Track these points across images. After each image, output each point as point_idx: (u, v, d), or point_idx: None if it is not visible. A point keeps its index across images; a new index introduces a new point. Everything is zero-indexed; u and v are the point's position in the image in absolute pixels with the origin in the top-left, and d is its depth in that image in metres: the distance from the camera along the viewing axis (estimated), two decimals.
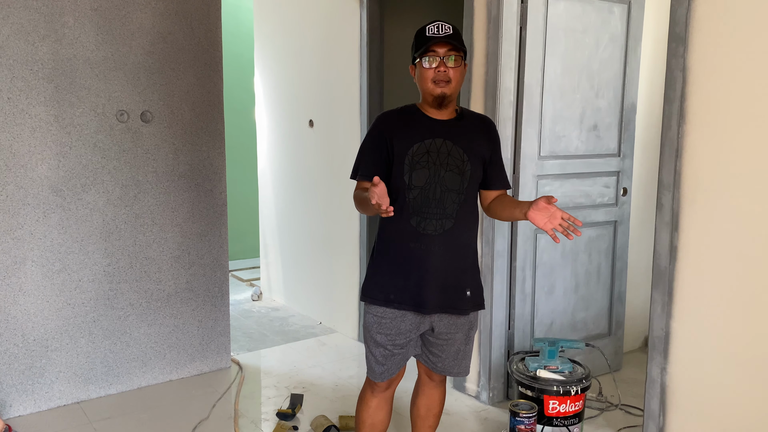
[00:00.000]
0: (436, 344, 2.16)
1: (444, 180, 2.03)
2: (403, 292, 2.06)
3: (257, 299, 5.01)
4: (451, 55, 1.98)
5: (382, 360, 2.13)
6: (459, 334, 2.15)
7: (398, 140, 2.04)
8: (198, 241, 3.39)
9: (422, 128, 2.06)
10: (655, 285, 2.38)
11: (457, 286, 2.09)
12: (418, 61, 2.02)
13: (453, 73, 1.99)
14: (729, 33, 2.12)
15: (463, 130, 2.09)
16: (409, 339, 2.12)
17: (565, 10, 3.03)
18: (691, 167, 2.25)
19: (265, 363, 3.72)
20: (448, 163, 2.04)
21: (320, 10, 4.20)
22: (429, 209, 2.03)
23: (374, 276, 2.14)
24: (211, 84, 3.36)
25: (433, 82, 1.99)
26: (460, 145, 2.06)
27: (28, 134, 2.87)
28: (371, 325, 2.12)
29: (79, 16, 2.94)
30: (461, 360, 2.20)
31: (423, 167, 2.02)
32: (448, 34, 1.98)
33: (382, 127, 2.10)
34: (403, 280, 2.06)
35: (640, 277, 3.73)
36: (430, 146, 2.03)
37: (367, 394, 2.23)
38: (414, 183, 2.03)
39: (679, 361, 2.33)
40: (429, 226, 2.03)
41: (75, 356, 3.08)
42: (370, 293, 2.13)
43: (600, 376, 3.32)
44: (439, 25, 2.01)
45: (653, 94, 3.61)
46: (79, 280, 3.05)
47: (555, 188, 3.14)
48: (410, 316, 2.09)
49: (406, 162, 2.03)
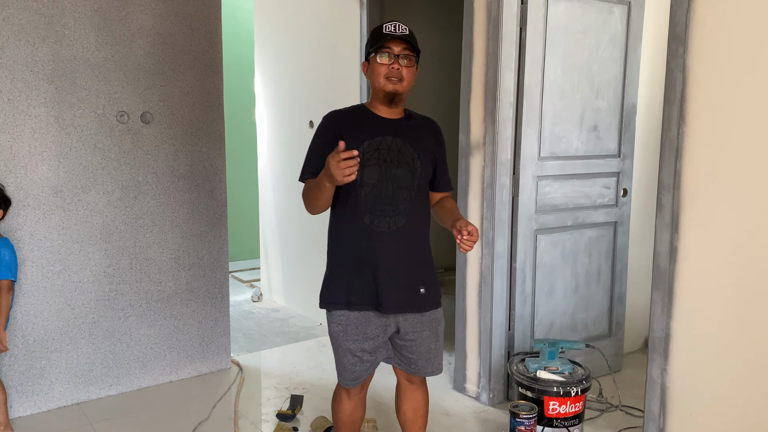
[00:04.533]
0: (405, 346, 2.15)
1: (395, 177, 2.04)
2: (362, 293, 2.06)
3: (257, 300, 5.01)
4: (405, 54, 2.02)
5: (351, 367, 2.13)
6: (425, 332, 2.14)
7: (347, 137, 1.99)
8: (198, 242, 3.39)
9: (372, 126, 2.07)
10: (655, 286, 2.38)
11: (412, 284, 2.09)
12: (372, 57, 2.04)
13: (406, 72, 2.02)
14: (729, 34, 2.12)
15: (411, 130, 2.11)
16: (377, 345, 2.12)
17: (565, 10, 3.03)
18: (691, 168, 2.25)
19: (265, 364, 3.72)
20: (399, 160, 2.05)
21: (320, 12, 4.20)
22: (381, 206, 2.03)
23: (331, 280, 2.13)
24: (211, 85, 3.36)
25: (386, 78, 2.01)
26: (410, 143, 2.08)
27: (28, 135, 2.87)
28: (337, 334, 2.11)
29: (79, 18, 2.94)
30: (434, 358, 2.19)
31: (374, 164, 2.02)
32: (404, 34, 2.02)
33: (331, 125, 2.09)
34: (360, 279, 2.06)
35: (640, 278, 3.73)
36: (380, 143, 2.04)
37: (343, 397, 2.24)
38: (365, 180, 2.02)
39: (680, 363, 2.33)
40: (382, 223, 2.03)
41: (75, 357, 3.08)
42: (330, 299, 2.11)
43: (600, 377, 3.32)
44: (396, 24, 2.04)
45: (653, 94, 3.61)
46: (79, 281, 3.05)
47: (555, 189, 3.14)
48: (374, 318, 2.08)
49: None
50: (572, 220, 3.22)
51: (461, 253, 3.19)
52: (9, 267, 2.64)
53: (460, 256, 3.21)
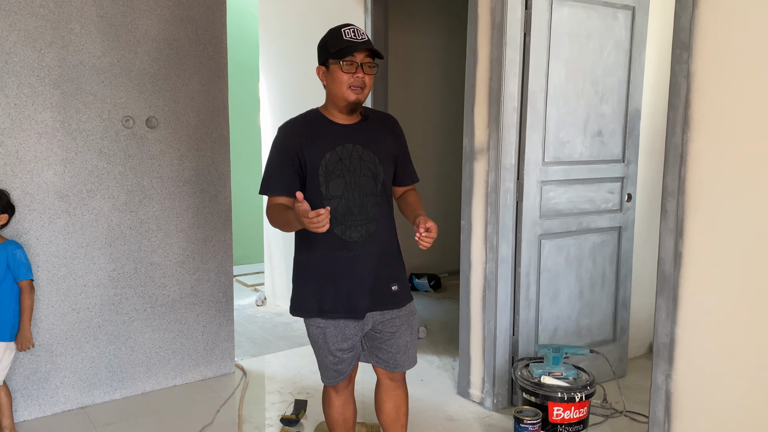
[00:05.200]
0: (382, 339, 2.18)
1: (360, 185, 2.04)
2: (335, 302, 2.08)
3: (261, 304, 5.02)
4: (368, 62, 2.00)
5: (333, 366, 2.18)
6: (403, 325, 2.18)
7: (308, 151, 2.02)
8: (202, 246, 3.40)
9: (331, 135, 2.05)
10: (660, 291, 2.37)
11: (385, 283, 2.13)
12: (333, 65, 2.00)
13: (368, 80, 2.01)
14: (734, 39, 2.12)
15: (370, 133, 2.10)
16: (355, 342, 2.16)
17: (569, 16, 3.03)
18: (695, 174, 2.25)
19: (269, 368, 3.72)
20: (361, 168, 2.04)
21: (325, 16, 4.21)
22: (352, 217, 2.04)
23: (303, 289, 2.14)
24: (216, 90, 3.37)
25: (349, 87, 1.99)
26: (370, 147, 2.07)
27: (34, 140, 2.89)
28: (317, 336, 2.14)
29: (85, 23, 2.96)
30: (409, 350, 2.22)
31: (338, 176, 2.02)
32: (365, 41, 1.99)
33: (289, 139, 2.06)
34: (334, 289, 2.08)
35: (645, 283, 3.72)
36: (341, 153, 2.03)
37: (332, 396, 2.28)
38: (332, 193, 2.03)
39: (685, 368, 2.32)
40: (354, 233, 2.05)
41: (80, 361, 3.09)
42: (303, 307, 2.13)
43: (605, 382, 3.31)
44: (355, 29, 2.01)
45: (658, 99, 3.61)
46: (84, 286, 3.06)
47: (559, 194, 3.14)
48: (351, 322, 2.11)
49: (321, 173, 2.03)
50: (576, 225, 3.21)
51: (466, 258, 3.19)
52: (28, 267, 2.69)
53: (464, 261, 3.21)
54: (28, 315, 2.68)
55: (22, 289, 2.67)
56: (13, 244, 2.68)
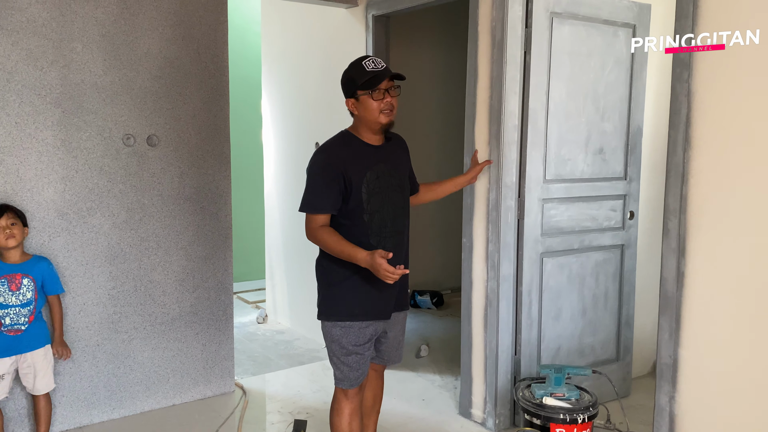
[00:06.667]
0: (384, 342, 2.43)
1: (393, 201, 2.29)
2: (366, 306, 2.27)
3: (262, 322, 4.99)
4: (392, 86, 2.21)
5: (356, 366, 2.30)
6: (398, 326, 2.45)
7: (352, 171, 2.20)
8: (203, 264, 3.39)
9: (368, 155, 2.26)
10: (663, 311, 2.35)
11: (404, 288, 2.40)
12: (363, 96, 2.19)
13: (394, 101, 2.23)
14: (734, 57, 2.11)
15: (394, 152, 2.36)
16: (372, 342, 2.34)
17: (570, 34, 3.03)
18: (697, 192, 2.23)
19: (269, 387, 3.69)
20: (392, 185, 2.29)
21: (327, 34, 4.23)
22: (386, 229, 2.27)
23: (333, 295, 2.31)
24: (217, 108, 3.38)
25: (381, 112, 2.19)
26: (395, 165, 2.33)
27: (35, 158, 2.89)
28: (340, 337, 2.28)
29: (87, 42, 2.98)
30: (400, 348, 2.51)
31: (377, 193, 2.24)
32: (386, 68, 2.20)
33: (334, 160, 2.22)
34: (366, 295, 2.26)
35: (648, 301, 3.69)
36: (378, 172, 2.25)
37: (342, 404, 2.36)
38: (372, 208, 2.24)
39: (688, 390, 2.29)
40: (388, 243, 2.26)
41: (78, 380, 3.06)
42: (334, 312, 2.29)
43: (608, 402, 3.26)
44: (374, 60, 2.21)
45: (659, 117, 3.60)
46: (83, 304, 3.05)
47: (561, 212, 3.12)
48: (372, 324, 2.30)
49: (364, 190, 2.22)
50: (579, 243, 3.19)
51: (467, 277, 3.17)
52: (59, 281, 2.86)
53: (465, 279, 3.19)
54: (60, 325, 2.87)
55: (55, 302, 2.84)
56: (45, 261, 2.81)
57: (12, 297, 2.67)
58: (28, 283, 2.71)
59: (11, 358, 2.70)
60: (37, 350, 2.76)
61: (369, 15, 3.80)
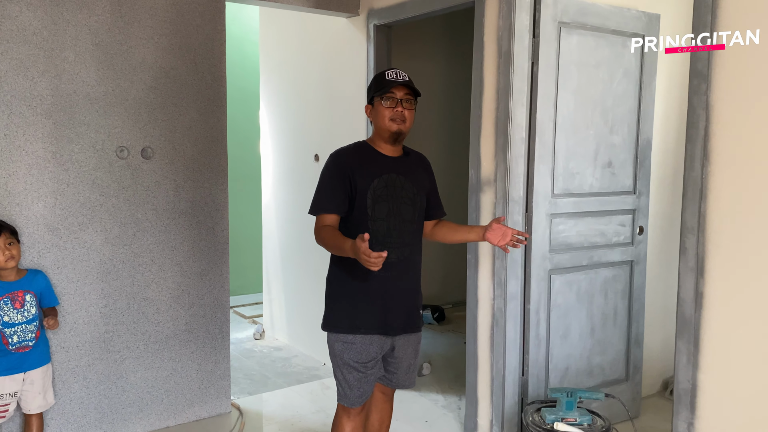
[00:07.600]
0: (393, 363, 2.35)
1: (401, 212, 2.25)
2: (368, 318, 2.22)
3: (259, 338, 4.87)
4: (407, 98, 2.22)
5: (356, 384, 2.25)
6: (410, 349, 2.36)
7: (360, 175, 2.21)
8: (198, 280, 3.28)
9: (378, 164, 2.26)
10: (680, 334, 2.24)
11: (414, 307, 2.33)
12: (377, 101, 2.23)
13: (408, 114, 2.23)
14: (755, 68, 2.02)
15: (410, 166, 2.33)
16: (376, 361, 2.28)
17: (578, 44, 2.95)
18: (716, 210, 2.14)
19: (266, 408, 3.57)
20: (403, 196, 2.26)
21: (326, 45, 4.15)
22: (391, 239, 2.23)
23: (337, 306, 2.28)
24: (214, 119, 3.28)
25: (391, 119, 2.21)
26: (410, 179, 2.30)
27: (24, 171, 2.79)
28: (342, 352, 2.24)
29: (80, 52, 2.88)
30: (412, 373, 2.42)
31: (383, 200, 2.22)
32: (405, 80, 2.22)
33: (342, 163, 2.25)
34: (369, 306, 2.22)
35: (656, 318, 3.59)
36: (387, 181, 2.24)
37: (343, 420, 2.32)
38: (376, 215, 2.22)
39: (708, 416, 2.18)
40: (392, 254, 2.19)
41: (67, 402, 2.94)
42: (336, 323, 2.26)
43: (618, 423, 3.16)
44: (397, 71, 2.24)
45: (669, 129, 3.51)
46: (74, 323, 2.93)
47: (569, 227, 3.02)
48: (377, 339, 2.24)
49: (369, 196, 2.21)
50: (587, 260, 3.09)
51: (473, 294, 3.06)
52: (54, 293, 2.81)
53: (471, 296, 3.08)
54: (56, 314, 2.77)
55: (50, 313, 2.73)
56: (41, 274, 2.76)
57: (17, 315, 2.61)
58: (31, 298, 2.66)
59: (21, 375, 2.65)
60: (41, 368, 2.70)
61: (370, 25, 3.72)
